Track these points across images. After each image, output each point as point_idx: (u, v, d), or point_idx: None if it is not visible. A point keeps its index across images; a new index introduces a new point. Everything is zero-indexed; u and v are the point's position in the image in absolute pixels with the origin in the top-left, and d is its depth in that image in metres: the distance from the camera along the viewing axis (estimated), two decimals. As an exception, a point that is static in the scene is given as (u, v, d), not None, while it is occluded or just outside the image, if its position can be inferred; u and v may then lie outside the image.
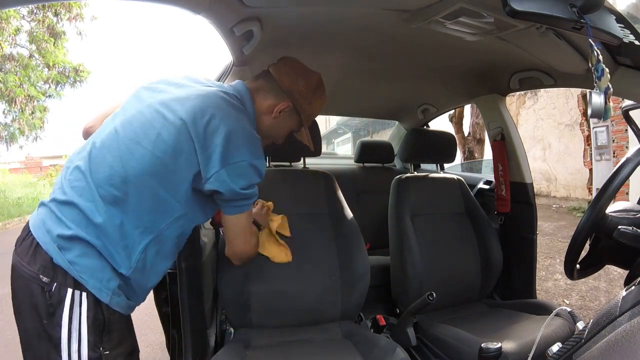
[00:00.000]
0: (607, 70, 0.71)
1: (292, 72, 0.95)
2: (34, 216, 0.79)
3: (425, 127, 2.26)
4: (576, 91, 5.39)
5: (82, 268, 0.73)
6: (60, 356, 0.73)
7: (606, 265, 0.94)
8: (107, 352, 0.77)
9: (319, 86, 0.99)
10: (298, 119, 0.98)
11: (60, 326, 0.72)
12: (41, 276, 0.72)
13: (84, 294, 0.73)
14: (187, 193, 0.81)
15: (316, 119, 1.42)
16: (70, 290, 0.73)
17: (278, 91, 0.94)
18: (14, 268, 0.76)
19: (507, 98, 1.71)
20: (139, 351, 0.88)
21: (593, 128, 4.71)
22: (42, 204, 0.80)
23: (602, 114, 0.70)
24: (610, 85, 0.70)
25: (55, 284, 0.72)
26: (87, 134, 0.98)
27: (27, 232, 0.78)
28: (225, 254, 0.96)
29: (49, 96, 8.96)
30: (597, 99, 0.70)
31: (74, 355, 0.73)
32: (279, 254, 1.22)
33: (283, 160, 1.59)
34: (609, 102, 0.70)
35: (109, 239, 0.75)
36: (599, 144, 4.60)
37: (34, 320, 0.73)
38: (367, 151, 2.25)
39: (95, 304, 0.75)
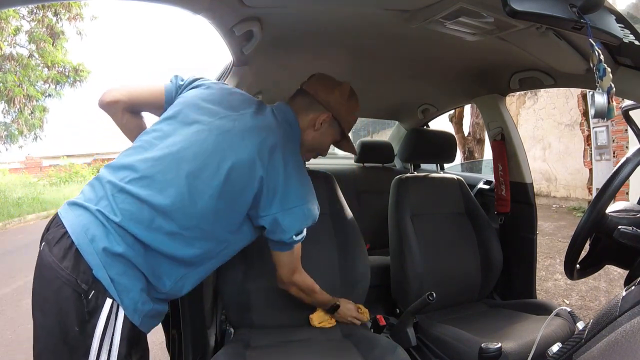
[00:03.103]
0: (609, 69, 0.71)
1: (325, 85, 1.01)
2: (72, 218, 0.75)
3: (425, 127, 2.26)
4: (576, 91, 5.39)
5: (121, 287, 0.73)
6: None
7: (606, 265, 0.94)
8: None
9: (352, 94, 1.04)
10: (339, 128, 1.02)
11: (93, 336, 0.71)
12: (79, 282, 0.71)
13: (121, 307, 0.74)
14: (239, 225, 0.86)
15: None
16: (109, 301, 0.72)
17: (316, 105, 0.98)
18: (47, 266, 0.73)
19: (507, 98, 1.71)
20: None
21: (593, 128, 4.72)
22: (83, 207, 0.76)
23: (605, 114, 0.70)
24: (612, 85, 0.70)
25: (93, 292, 0.71)
26: (107, 106, 0.93)
27: (63, 232, 0.74)
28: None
29: (49, 96, 8.96)
30: (600, 98, 0.69)
31: None
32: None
33: None
34: (612, 101, 0.70)
35: (155, 263, 0.77)
36: (599, 144, 4.61)
37: (61, 323, 0.71)
38: (367, 151, 2.25)
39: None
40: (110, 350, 0.72)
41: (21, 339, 2.35)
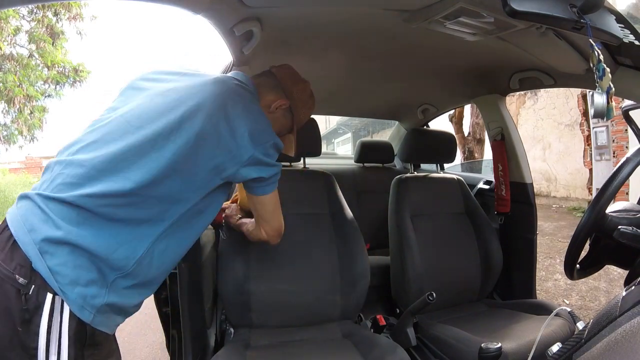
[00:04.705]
0: (608, 70, 0.71)
1: (293, 75, 1.01)
2: (15, 210, 0.70)
3: (425, 127, 2.26)
4: (576, 91, 5.39)
5: (64, 279, 0.64)
6: None
7: (606, 265, 0.94)
8: None
9: (312, 95, 1.03)
10: (290, 121, 1.00)
11: (38, 335, 0.63)
12: (17, 276, 0.63)
13: (66, 302, 0.65)
14: (202, 182, 0.78)
15: (316, 119, 1.42)
16: (50, 296, 0.64)
17: (279, 89, 0.97)
18: None
19: (507, 98, 1.71)
20: None
21: (593, 128, 4.71)
22: (25, 197, 0.70)
23: (604, 114, 0.70)
24: (612, 85, 0.70)
25: (33, 286, 0.63)
26: None
27: (4, 226, 0.68)
28: (261, 237, 0.97)
29: (49, 96, 8.95)
30: (599, 99, 0.69)
31: None
32: None
33: (283, 160, 1.60)
34: (611, 101, 0.70)
35: (109, 236, 0.68)
36: (599, 144, 4.60)
37: (6, 326, 0.64)
38: (367, 151, 2.25)
39: None
40: (59, 352, 0.64)
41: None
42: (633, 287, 0.55)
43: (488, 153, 2.66)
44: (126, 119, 0.75)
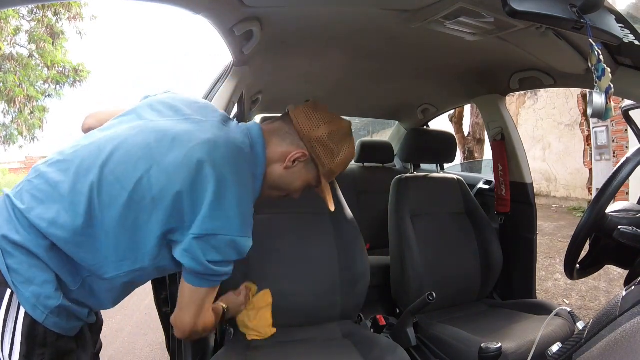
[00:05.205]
0: (608, 70, 0.71)
1: (314, 117, 0.82)
2: None
3: (425, 127, 2.26)
4: (576, 91, 5.39)
5: (21, 278, 0.65)
6: None
7: (606, 265, 0.94)
8: None
9: (345, 137, 0.84)
10: (315, 174, 0.84)
11: None
12: None
13: (20, 299, 0.66)
14: (154, 247, 0.71)
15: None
16: (9, 291, 0.65)
17: (295, 137, 0.81)
18: None
19: (507, 98, 1.71)
20: None
21: (593, 128, 4.72)
22: (4, 194, 0.71)
23: (602, 114, 0.70)
24: (611, 85, 0.70)
25: None
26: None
27: None
28: (171, 319, 0.82)
29: (49, 96, 8.96)
30: (597, 98, 0.70)
31: None
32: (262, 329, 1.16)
33: None
34: (610, 102, 0.70)
35: (57, 261, 0.68)
36: (599, 144, 4.61)
37: None
38: (367, 151, 2.25)
39: None
40: (12, 346, 0.65)
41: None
42: (633, 287, 0.55)
43: (488, 153, 2.66)
44: (100, 147, 0.72)
